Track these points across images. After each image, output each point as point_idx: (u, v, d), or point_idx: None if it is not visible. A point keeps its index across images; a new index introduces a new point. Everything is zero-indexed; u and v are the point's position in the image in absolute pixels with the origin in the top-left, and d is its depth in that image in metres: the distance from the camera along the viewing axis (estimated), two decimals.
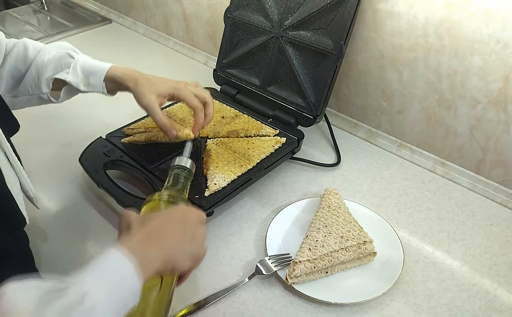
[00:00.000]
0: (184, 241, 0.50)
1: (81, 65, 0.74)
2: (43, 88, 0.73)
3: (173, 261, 0.48)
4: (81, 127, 0.99)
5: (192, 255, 0.51)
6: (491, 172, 0.84)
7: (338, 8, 0.84)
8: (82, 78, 0.73)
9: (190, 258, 0.51)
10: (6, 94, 0.73)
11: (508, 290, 0.68)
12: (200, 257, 0.53)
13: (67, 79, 0.72)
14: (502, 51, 0.75)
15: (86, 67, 0.74)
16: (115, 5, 1.58)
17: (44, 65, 0.73)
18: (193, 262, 0.52)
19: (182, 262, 0.50)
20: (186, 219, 0.52)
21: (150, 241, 0.46)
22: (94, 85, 0.74)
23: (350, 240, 0.68)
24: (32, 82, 0.73)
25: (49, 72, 0.73)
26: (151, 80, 0.73)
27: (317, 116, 0.89)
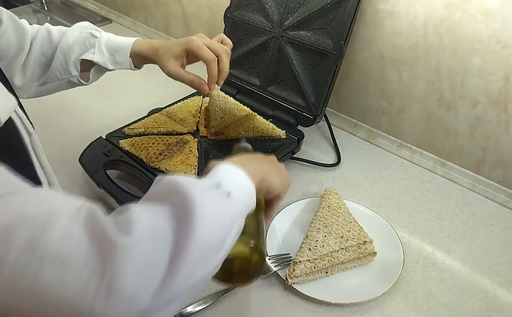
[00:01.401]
0: (274, 168, 0.55)
1: (106, 44, 0.74)
2: (72, 72, 0.73)
3: (268, 179, 0.52)
4: (81, 127, 0.99)
5: (282, 180, 0.55)
6: (491, 172, 0.84)
7: (338, 8, 0.84)
8: (109, 57, 0.74)
9: (281, 181, 0.55)
10: (32, 83, 0.74)
11: (508, 290, 0.68)
12: (287, 183, 0.58)
13: (94, 59, 0.73)
14: (502, 51, 0.75)
15: (111, 45, 0.74)
16: (115, 5, 1.58)
17: (70, 48, 0.73)
18: (282, 187, 0.55)
19: (275, 183, 0.53)
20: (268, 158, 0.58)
21: (247, 163, 0.50)
22: (121, 63, 0.75)
23: (350, 240, 0.68)
24: (60, 67, 0.73)
25: (75, 54, 0.73)
26: (168, 47, 0.73)
27: (317, 116, 0.89)
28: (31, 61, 0.72)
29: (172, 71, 0.72)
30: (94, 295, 0.32)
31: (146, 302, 0.34)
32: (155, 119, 0.91)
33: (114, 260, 0.33)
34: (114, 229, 0.35)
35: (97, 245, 0.33)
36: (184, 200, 0.38)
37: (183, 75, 0.72)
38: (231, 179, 0.45)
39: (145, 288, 0.34)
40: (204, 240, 0.38)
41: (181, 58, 0.73)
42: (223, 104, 0.81)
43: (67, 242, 0.33)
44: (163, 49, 0.73)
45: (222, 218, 0.41)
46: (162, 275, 0.35)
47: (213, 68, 0.72)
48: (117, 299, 0.33)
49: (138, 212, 0.37)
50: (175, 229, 0.37)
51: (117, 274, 0.33)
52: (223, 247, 0.41)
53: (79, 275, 0.32)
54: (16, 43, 0.70)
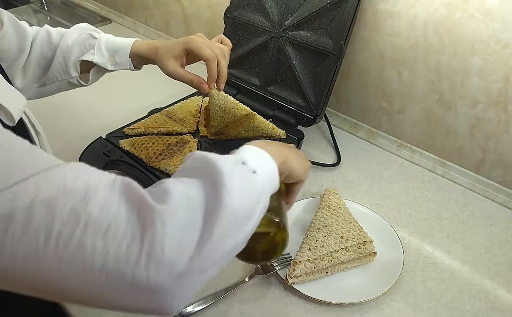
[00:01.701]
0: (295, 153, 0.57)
1: (105, 44, 0.74)
2: (71, 73, 0.74)
3: (290, 163, 0.54)
4: (81, 127, 0.99)
5: (303, 164, 0.58)
6: (491, 172, 0.84)
7: (338, 8, 0.84)
8: (108, 58, 0.74)
9: (302, 165, 0.57)
10: (33, 84, 0.74)
11: (508, 290, 0.68)
12: (307, 167, 0.60)
13: (93, 60, 0.73)
14: (502, 51, 0.75)
15: (110, 46, 0.74)
16: (115, 5, 1.58)
17: (69, 49, 0.73)
18: (303, 171, 0.58)
19: (296, 166, 0.55)
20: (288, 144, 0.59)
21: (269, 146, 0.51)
22: (121, 63, 0.75)
23: (350, 240, 0.68)
24: (60, 68, 0.73)
25: (75, 55, 0.73)
26: (168, 46, 0.73)
27: (317, 116, 0.89)
28: (31, 63, 0.72)
29: (171, 71, 0.72)
30: (136, 261, 0.34)
31: (183, 267, 0.36)
32: (155, 119, 0.91)
33: (153, 226, 0.34)
34: (150, 197, 0.36)
35: (136, 212, 0.35)
36: (214, 173, 0.40)
37: (182, 74, 0.72)
38: (255, 158, 0.47)
39: (182, 253, 0.36)
40: (234, 209, 0.39)
41: (180, 58, 0.73)
42: (223, 104, 0.81)
43: (106, 212, 0.34)
44: (162, 49, 0.73)
45: (249, 190, 0.43)
46: (197, 241, 0.37)
47: (213, 67, 0.71)
48: (157, 264, 0.34)
49: (172, 183, 0.39)
50: (207, 198, 0.39)
51: (157, 240, 0.34)
52: (252, 219, 0.42)
53: (121, 242, 0.34)
54: (17, 45, 0.70)
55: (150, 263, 0.34)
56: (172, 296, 0.36)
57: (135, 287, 0.34)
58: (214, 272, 0.40)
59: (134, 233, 0.34)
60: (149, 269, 0.34)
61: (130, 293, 0.35)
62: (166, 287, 0.35)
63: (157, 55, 0.73)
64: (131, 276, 0.34)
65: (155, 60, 0.74)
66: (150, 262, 0.34)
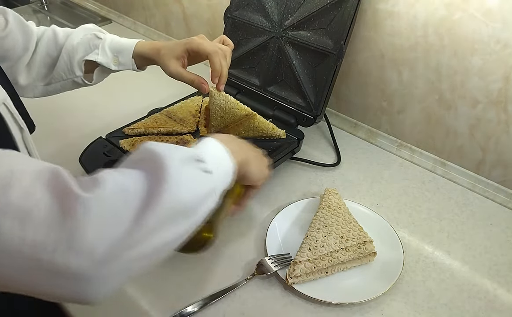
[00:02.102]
0: (257, 158, 0.60)
1: (109, 45, 0.75)
2: (76, 72, 0.75)
3: (248, 165, 0.56)
4: (81, 127, 0.99)
5: (261, 170, 0.60)
6: (491, 172, 0.84)
7: (338, 8, 0.84)
8: (112, 58, 0.75)
9: (259, 170, 0.59)
10: (38, 82, 0.75)
11: (508, 290, 0.68)
12: (266, 175, 0.62)
13: (97, 60, 0.74)
14: (502, 51, 0.75)
15: (114, 46, 0.75)
16: (115, 5, 1.58)
17: (74, 49, 0.74)
18: (259, 176, 0.60)
19: (254, 170, 0.57)
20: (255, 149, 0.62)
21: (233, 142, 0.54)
22: (124, 64, 0.76)
23: (350, 240, 0.68)
24: (65, 67, 0.74)
25: (80, 54, 0.74)
26: (170, 47, 0.74)
27: (317, 116, 0.89)
28: (36, 61, 0.73)
29: (173, 71, 0.72)
30: (53, 247, 0.34)
31: (107, 255, 0.36)
32: (155, 119, 0.91)
33: (75, 214, 0.35)
34: (77, 186, 0.37)
35: (59, 200, 0.35)
36: (159, 168, 0.41)
37: (183, 74, 0.73)
38: (214, 155, 0.49)
39: (105, 241, 0.36)
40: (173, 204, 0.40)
41: (182, 59, 0.73)
42: (224, 103, 0.81)
43: (28, 199, 0.35)
44: (164, 49, 0.73)
45: (196, 189, 0.44)
46: (125, 231, 0.37)
47: (217, 61, 0.72)
48: (78, 251, 0.35)
49: (109, 173, 0.40)
50: (144, 191, 0.39)
51: (78, 228, 0.35)
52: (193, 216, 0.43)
53: (38, 229, 0.34)
54: (22, 43, 0.71)
55: (69, 250, 0.35)
56: (94, 284, 0.36)
57: (53, 274, 0.35)
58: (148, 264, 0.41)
59: (53, 220, 0.35)
60: (68, 256, 0.35)
61: (49, 280, 0.35)
62: (86, 274, 0.36)
63: (159, 55, 0.74)
64: (48, 262, 0.34)
65: (157, 61, 0.74)
66: (69, 249, 0.35)
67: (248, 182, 0.58)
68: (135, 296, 0.65)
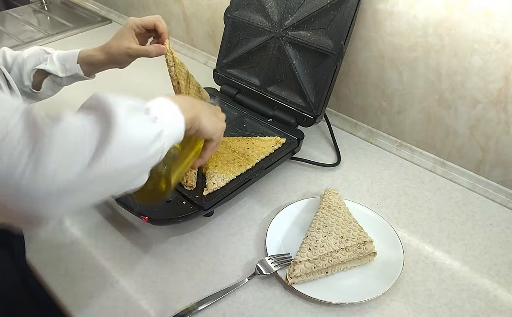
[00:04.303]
0: (211, 113, 0.64)
1: (57, 56, 0.81)
2: (25, 82, 0.80)
3: (200, 119, 0.60)
4: None
5: (214, 123, 0.63)
6: (491, 172, 0.84)
7: (338, 8, 0.84)
8: (59, 66, 0.81)
9: (213, 123, 0.63)
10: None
11: (508, 290, 0.68)
12: (220, 127, 0.66)
13: (45, 68, 0.80)
14: (502, 51, 0.75)
15: (61, 56, 0.82)
16: (115, 5, 1.58)
17: (24, 61, 0.80)
18: (214, 129, 0.63)
19: (207, 124, 0.61)
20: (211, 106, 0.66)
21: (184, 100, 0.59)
22: (70, 69, 0.81)
23: (350, 240, 0.68)
24: (15, 79, 0.79)
25: (29, 66, 0.80)
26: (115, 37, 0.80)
27: (317, 116, 0.89)
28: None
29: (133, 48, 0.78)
30: (23, 168, 0.38)
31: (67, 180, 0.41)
32: None
33: (41, 141, 0.39)
34: (45, 119, 0.42)
35: (31, 129, 0.40)
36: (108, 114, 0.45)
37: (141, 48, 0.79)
38: (162, 108, 0.53)
39: (66, 169, 0.41)
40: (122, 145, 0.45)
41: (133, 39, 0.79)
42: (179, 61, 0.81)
43: (6, 124, 0.39)
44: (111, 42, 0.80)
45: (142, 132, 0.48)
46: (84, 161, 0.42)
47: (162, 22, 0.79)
48: (41, 174, 0.39)
49: (68, 113, 0.44)
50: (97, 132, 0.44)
51: (43, 153, 0.39)
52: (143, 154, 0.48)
53: (13, 150, 0.38)
54: None
55: (35, 172, 0.39)
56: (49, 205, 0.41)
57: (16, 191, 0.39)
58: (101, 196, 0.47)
59: (25, 144, 0.39)
60: (33, 177, 0.39)
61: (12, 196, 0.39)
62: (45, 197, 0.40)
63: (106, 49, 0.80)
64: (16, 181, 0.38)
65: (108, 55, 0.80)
66: (35, 171, 0.39)
67: (204, 135, 0.62)
68: (135, 296, 0.65)
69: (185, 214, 0.70)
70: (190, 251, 0.72)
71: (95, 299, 0.64)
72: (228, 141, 0.85)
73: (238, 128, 0.91)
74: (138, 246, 0.73)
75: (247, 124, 0.93)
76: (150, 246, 0.73)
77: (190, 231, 0.75)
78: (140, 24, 0.79)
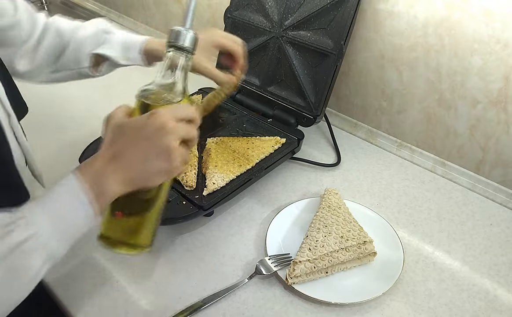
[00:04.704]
0: (147, 160, 0.47)
1: (118, 40, 0.76)
2: (83, 63, 0.75)
3: (137, 183, 0.47)
4: (81, 127, 0.99)
5: (160, 172, 0.48)
6: (491, 172, 0.84)
7: (338, 8, 0.84)
8: (121, 53, 0.76)
9: (158, 174, 0.48)
10: (44, 69, 0.76)
11: (508, 290, 0.68)
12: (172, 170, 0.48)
13: (106, 54, 0.75)
14: (502, 51, 0.75)
15: (123, 42, 0.76)
16: (115, 5, 1.58)
17: (83, 41, 0.75)
18: (164, 177, 0.49)
19: (148, 181, 0.48)
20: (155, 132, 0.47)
21: (110, 166, 0.46)
22: (133, 59, 0.76)
23: (350, 240, 0.68)
24: (71, 58, 0.75)
25: (88, 47, 0.75)
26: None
27: (317, 116, 0.89)
28: (42, 49, 0.74)
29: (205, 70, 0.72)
30: None
31: None
32: None
33: None
34: None
35: None
36: None
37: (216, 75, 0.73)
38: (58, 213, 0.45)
39: None
40: None
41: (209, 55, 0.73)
42: None
43: None
44: None
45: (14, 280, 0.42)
46: None
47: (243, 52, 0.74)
48: None
49: None
50: None
51: None
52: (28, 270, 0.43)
53: None
54: (28, 30, 0.72)
55: None
56: None
57: None
58: None
59: None
60: None
61: None
62: None
63: None
64: None
65: None
66: None
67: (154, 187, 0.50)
68: (135, 296, 0.65)
69: (185, 214, 0.70)
70: (190, 251, 0.72)
71: (95, 299, 0.64)
72: (228, 141, 0.85)
73: (238, 128, 0.91)
74: None
75: (247, 124, 0.93)
76: None
77: (190, 231, 0.75)
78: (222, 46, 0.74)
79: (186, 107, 0.50)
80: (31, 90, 0.76)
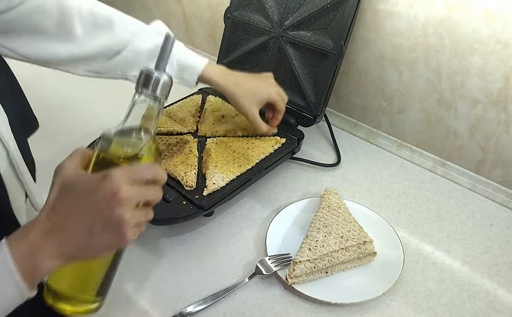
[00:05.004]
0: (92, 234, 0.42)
1: (177, 58, 0.75)
2: (133, 72, 0.73)
3: (78, 257, 0.43)
4: (81, 127, 0.99)
5: (106, 246, 0.43)
6: (491, 172, 0.84)
7: (338, 8, 0.84)
8: (177, 72, 0.75)
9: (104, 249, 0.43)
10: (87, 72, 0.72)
11: (508, 290, 0.68)
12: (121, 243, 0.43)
13: None
14: (502, 51, 0.75)
15: (181, 61, 0.75)
16: (115, 5, 1.57)
17: (141, 52, 0.72)
18: (112, 250, 0.45)
19: (91, 256, 0.44)
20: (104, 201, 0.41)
21: (47, 241, 0.42)
22: (187, 81, 0.77)
23: (350, 240, 0.68)
24: (126, 64, 0.72)
25: (144, 59, 0.72)
26: (248, 89, 0.79)
27: (317, 116, 0.89)
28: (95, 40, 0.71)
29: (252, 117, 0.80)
30: None
31: None
32: None
33: None
34: None
35: None
36: None
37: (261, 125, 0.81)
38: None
39: None
40: None
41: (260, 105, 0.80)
42: None
43: None
44: (242, 91, 0.78)
45: None
46: None
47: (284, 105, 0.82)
48: None
49: None
50: None
51: None
52: None
53: None
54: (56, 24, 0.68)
55: None
56: None
57: None
58: None
59: None
60: None
61: None
62: None
63: (235, 95, 0.78)
64: None
65: (231, 97, 0.79)
66: None
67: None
68: (135, 296, 0.65)
69: (185, 214, 0.70)
70: (190, 251, 0.72)
71: None
72: (228, 141, 0.85)
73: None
74: (138, 246, 0.73)
75: None
76: (150, 246, 0.73)
77: (190, 231, 0.75)
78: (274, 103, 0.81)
79: (147, 167, 0.45)
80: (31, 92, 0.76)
